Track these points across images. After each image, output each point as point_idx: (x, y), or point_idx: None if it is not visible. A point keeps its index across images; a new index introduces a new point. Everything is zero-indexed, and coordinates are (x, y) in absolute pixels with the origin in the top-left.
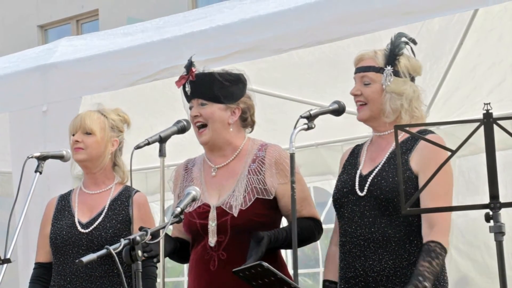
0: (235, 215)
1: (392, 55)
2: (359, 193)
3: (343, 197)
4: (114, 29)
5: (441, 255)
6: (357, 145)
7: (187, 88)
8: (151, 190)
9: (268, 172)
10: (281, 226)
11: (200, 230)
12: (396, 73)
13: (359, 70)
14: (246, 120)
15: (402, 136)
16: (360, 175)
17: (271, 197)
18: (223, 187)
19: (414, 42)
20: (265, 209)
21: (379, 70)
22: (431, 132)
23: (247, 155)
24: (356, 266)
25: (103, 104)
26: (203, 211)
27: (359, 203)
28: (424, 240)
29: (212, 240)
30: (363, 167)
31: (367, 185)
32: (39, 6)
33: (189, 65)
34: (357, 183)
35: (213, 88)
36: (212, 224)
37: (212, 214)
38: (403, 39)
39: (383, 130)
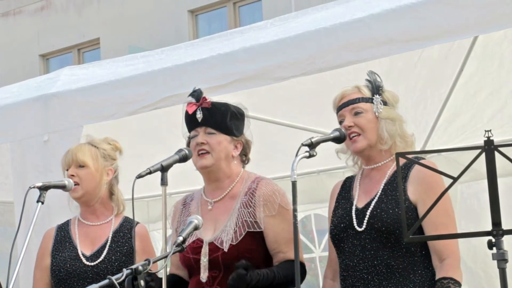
0: (226, 250)
1: (376, 86)
2: (358, 228)
3: (341, 232)
4: (115, 58)
5: None
6: (348, 178)
7: (199, 115)
8: (153, 218)
9: (258, 204)
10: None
11: (194, 264)
12: (384, 102)
13: (347, 104)
14: (246, 156)
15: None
16: (357, 209)
17: (261, 229)
18: (217, 221)
19: (381, 79)
20: (255, 244)
21: (368, 100)
22: (422, 158)
23: (241, 189)
24: None
25: (92, 135)
26: (197, 246)
27: (359, 236)
28: (437, 276)
29: (203, 275)
30: (358, 201)
31: (366, 218)
32: (40, 35)
33: (200, 93)
34: (354, 217)
35: (227, 119)
36: (204, 260)
37: (205, 250)
38: (376, 76)
39: (378, 161)
